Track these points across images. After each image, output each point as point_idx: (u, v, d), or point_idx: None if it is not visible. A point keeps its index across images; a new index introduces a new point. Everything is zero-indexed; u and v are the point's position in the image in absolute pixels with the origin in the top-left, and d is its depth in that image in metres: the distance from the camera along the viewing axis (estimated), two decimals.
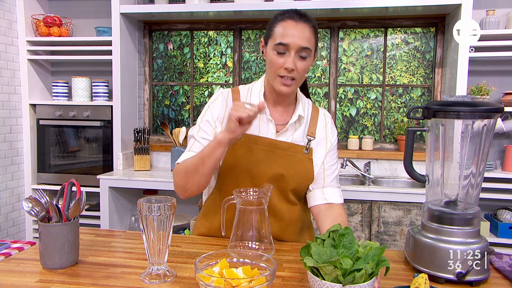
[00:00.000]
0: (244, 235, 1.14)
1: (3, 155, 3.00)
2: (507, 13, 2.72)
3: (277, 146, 1.30)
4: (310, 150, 1.33)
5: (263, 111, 1.15)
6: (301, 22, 1.22)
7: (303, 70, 1.23)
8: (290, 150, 1.31)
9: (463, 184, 1.11)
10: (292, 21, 1.21)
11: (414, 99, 3.08)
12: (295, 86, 1.27)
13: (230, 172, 1.31)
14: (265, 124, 1.32)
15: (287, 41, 1.20)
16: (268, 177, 1.29)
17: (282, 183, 1.30)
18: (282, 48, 1.21)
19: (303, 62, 1.22)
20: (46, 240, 1.08)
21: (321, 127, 1.38)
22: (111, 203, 2.88)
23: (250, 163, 1.29)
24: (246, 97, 1.35)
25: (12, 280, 1.03)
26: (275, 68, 1.23)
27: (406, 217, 2.49)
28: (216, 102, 1.36)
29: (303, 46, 1.20)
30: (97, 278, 1.04)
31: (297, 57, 1.21)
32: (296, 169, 1.31)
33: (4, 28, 2.99)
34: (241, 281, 0.89)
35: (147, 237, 1.01)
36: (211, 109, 1.35)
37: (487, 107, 1.04)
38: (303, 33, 1.21)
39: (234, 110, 1.09)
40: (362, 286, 0.85)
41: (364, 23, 3.06)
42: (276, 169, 1.29)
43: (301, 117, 1.33)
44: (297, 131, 1.34)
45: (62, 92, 3.19)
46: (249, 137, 1.30)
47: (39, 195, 1.14)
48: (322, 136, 1.37)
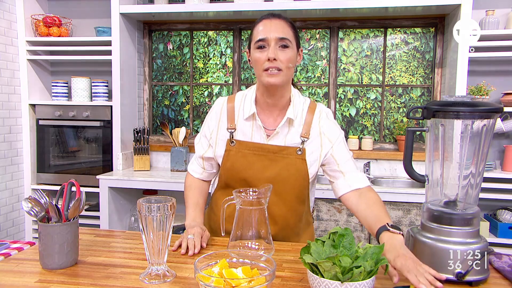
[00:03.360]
0: (243, 235, 1.15)
1: (2, 155, 3.00)
2: (507, 13, 2.72)
3: (268, 150, 1.34)
4: (303, 151, 1.34)
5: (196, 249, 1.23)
6: (276, 19, 1.29)
7: (286, 60, 1.26)
8: (282, 153, 1.34)
9: (463, 184, 1.11)
10: (267, 19, 1.29)
11: (414, 99, 3.08)
12: (282, 77, 1.27)
13: (228, 175, 1.38)
14: (256, 130, 1.36)
15: (265, 35, 1.26)
16: (263, 180, 1.32)
17: (276, 185, 1.31)
18: (262, 43, 1.27)
19: (284, 52, 1.26)
20: (45, 240, 1.08)
21: (315, 124, 1.37)
22: (111, 203, 2.88)
23: (243, 168, 1.34)
24: (241, 103, 1.40)
25: (12, 280, 1.03)
26: (259, 64, 1.28)
27: (405, 217, 2.50)
28: (210, 115, 1.44)
29: (280, 37, 1.26)
30: (96, 278, 1.04)
31: (277, 48, 1.26)
32: (289, 171, 1.33)
33: (4, 28, 2.99)
34: (241, 281, 0.89)
35: (147, 237, 1.02)
36: (208, 123, 1.44)
37: (486, 107, 1.04)
38: (278, 27, 1.27)
39: (184, 239, 1.25)
40: (361, 284, 0.85)
41: (364, 23, 3.06)
42: (269, 172, 1.33)
43: (291, 119, 1.34)
44: (289, 133, 1.35)
45: (62, 92, 3.19)
46: (241, 143, 1.36)
47: (39, 195, 1.14)
48: (316, 132, 1.36)
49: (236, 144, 1.36)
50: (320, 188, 2.53)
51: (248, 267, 0.96)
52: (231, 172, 1.36)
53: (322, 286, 0.87)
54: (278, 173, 1.33)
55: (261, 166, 1.33)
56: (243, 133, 1.36)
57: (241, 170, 1.34)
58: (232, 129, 1.37)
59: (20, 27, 3.09)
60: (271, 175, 1.33)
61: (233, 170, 1.35)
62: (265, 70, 1.26)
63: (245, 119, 1.36)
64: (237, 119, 1.38)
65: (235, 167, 1.35)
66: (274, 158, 1.34)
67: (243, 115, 1.37)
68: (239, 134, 1.37)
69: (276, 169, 1.33)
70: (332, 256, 0.86)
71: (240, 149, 1.35)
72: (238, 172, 1.35)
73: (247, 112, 1.36)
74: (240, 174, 1.35)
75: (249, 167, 1.34)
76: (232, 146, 1.36)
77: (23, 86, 3.14)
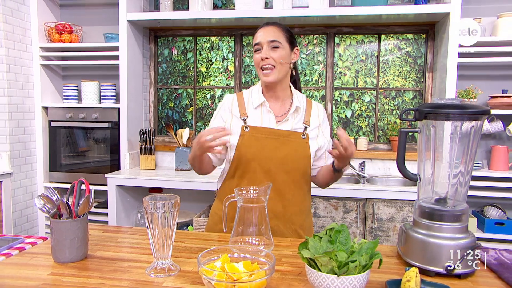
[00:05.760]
0: (244, 231, 1.14)
1: (17, 155, 3.00)
2: (493, 21, 2.72)
3: (278, 134, 1.44)
4: (306, 136, 1.47)
5: (226, 134, 1.29)
6: (269, 26, 1.45)
7: (277, 57, 1.41)
8: (289, 137, 1.45)
9: (452, 182, 1.11)
10: (263, 27, 1.46)
11: (406, 102, 3.08)
12: (276, 74, 1.42)
13: (242, 159, 1.44)
14: (266, 116, 1.47)
15: (259, 40, 1.43)
16: (275, 160, 1.42)
17: (287, 164, 1.42)
18: (258, 47, 1.44)
19: (275, 51, 1.42)
20: (57, 236, 1.08)
21: (314, 116, 1.52)
22: (118, 200, 2.88)
23: (257, 150, 1.42)
24: (249, 95, 1.51)
25: (26, 273, 1.03)
26: (257, 64, 1.45)
27: (398, 214, 2.49)
28: (222, 107, 1.52)
29: (271, 39, 1.42)
30: (105, 272, 1.04)
31: (269, 49, 1.41)
32: (296, 152, 1.44)
33: (19, 36, 3.00)
34: (242, 275, 0.89)
35: (152, 233, 1.01)
36: (221, 114, 1.52)
37: (474, 110, 1.04)
38: (270, 32, 1.43)
39: (198, 137, 1.29)
40: (356, 277, 0.85)
41: (359, 30, 3.05)
42: (281, 153, 1.43)
43: (298, 107, 1.49)
44: (295, 120, 1.48)
45: (72, 95, 3.19)
46: (254, 129, 1.45)
47: (51, 193, 1.14)
48: (316, 124, 1.51)
49: (249, 130, 1.44)
50: (317, 187, 2.53)
51: (249, 261, 0.96)
52: (245, 155, 1.42)
53: (319, 280, 0.86)
54: (288, 153, 1.43)
55: (273, 147, 1.43)
56: (254, 120, 1.46)
57: (255, 151, 1.42)
58: (245, 116, 1.47)
59: (34, 34, 3.10)
60: (281, 155, 1.42)
61: (248, 153, 1.42)
62: (261, 69, 1.43)
63: (255, 108, 1.47)
64: (247, 107, 1.49)
65: (250, 149, 1.42)
66: (284, 141, 1.44)
67: (253, 105, 1.48)
68: (251, 120, 1.46)
69: (286, 150, 1.43)
70: (329, 251, 0.86)
71: (253, 133, 1.44)
72: (253, 154, 1.41)
73: (256, 101, 1.48)
74: (254, 155, 1.41)
75: (262, 148, 1.42)
76: (246, 132, 1.44)
77: (36, 89, 3.14)
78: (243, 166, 1.43)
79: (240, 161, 1.43)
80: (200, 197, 3.14)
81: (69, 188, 1.15)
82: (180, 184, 2.72)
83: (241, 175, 1.44)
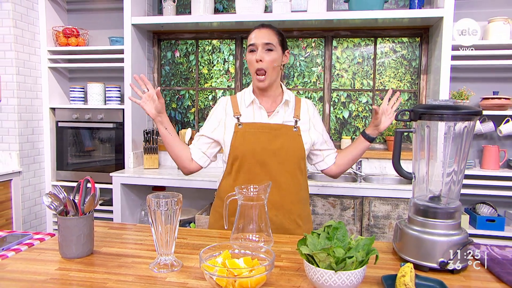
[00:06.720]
0: (245, 228, 1.14)
1: (26, 154, 3.00)
2: (484, 26, 2.71)
3: (270, 127, 1.46)
4: (298, 129, 1.48)
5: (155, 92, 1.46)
6: (264, 28, 1.46)
7: (271, 61, 1.43)
8: (281, 129, 1.46)
9: (446, 181, 1.11)
10: (258, 29, 1.46)
11: (401, 103, 3.07)
12: (268, 79, 1.45)
13: (237, 155, 1.44)
14: (258, 112, 1.49)
15: (254, 41, 1.44)
16: (269, 152, 1.43)
17: (280, 156, 1.44)
18: (252, 47, 1.44)
19: (269, 54, 1.43)
20: (64, 232, 1.08)
21: (304, 111, 1.54)
22: (123, 198, 2.88)
23: (251, 144, 1.43)
24: (242, 96, 1.54)
25: (35, 268, 1.03)
26: (251, 65, 1.46)
27: (394, 211, 2.49)
28: (217, 108, 1.56)
29: (266, 42, 1.42)
30: (110, 267, 1.04)
31: (264, 51, 1.42)
32: (290, 143, 1.46)
33: (28, 39, 3.00)
34: (242, 271, 0.88)
35: (156, 230, 1.01)
36: (215, 114, 1.55)
37: (467, 110, 1.04)
38: (265, 34, 1.44)
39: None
40: (353, 273, 0.85)
41: (356, 33, 3.05)
42: (274, 145, 1.44)
43: (288, 101, 1.51)
44: (285, 113, 1.50)
45: (79, 96, 3.19)
46: (247, 124, 1.47)
47: (58, 191, 1.14)
48: (306, 118, 1.53)
49: (243, 126, 1.46)
50: (315, 184, 2.53)
51: (249, 257, 0.96)
52: (240, 150, 1.43)
53: (318, 275, 0.86)
54: (281, 145, 1.44)
55: (266, 140, 1.44)
56: (247, 117, 1.48)
57: (249, 145, 1.43)
58: (238, 114, 1.49)
59: (42, 38, 3.10)
60: (275, 147, 1.43)
61: (243, 147, 1.43)
62: (255, 73, 1.45)
63: (247, 106, 1.50)
64: (240, 107, 1.51)
65: (244, 144, 1.43)
66: (276, 134, 1.45)
67: (245, 104, 1.50)
68: (244, 118, 1.48)
69: (279, 142, 1.44)
70: (327, 248, 0.86)
71: (246, 129, 1.46)
72: (247, 148, 1.43)
73: (248, 100, 1.50)
74: (248, 149, 1.43)
75: (256, 142, 1.43)
76: (240, 128, 1.46)
77: (44, 91, 3.14)
78: (238, 161, 1.44)
79: (236, 157, 1.44)
80: (202, 195, 3.14)
81: (76, 187, 1.15)
82: (183, 183, 2.72)
83: (238, 170, 1.44)
